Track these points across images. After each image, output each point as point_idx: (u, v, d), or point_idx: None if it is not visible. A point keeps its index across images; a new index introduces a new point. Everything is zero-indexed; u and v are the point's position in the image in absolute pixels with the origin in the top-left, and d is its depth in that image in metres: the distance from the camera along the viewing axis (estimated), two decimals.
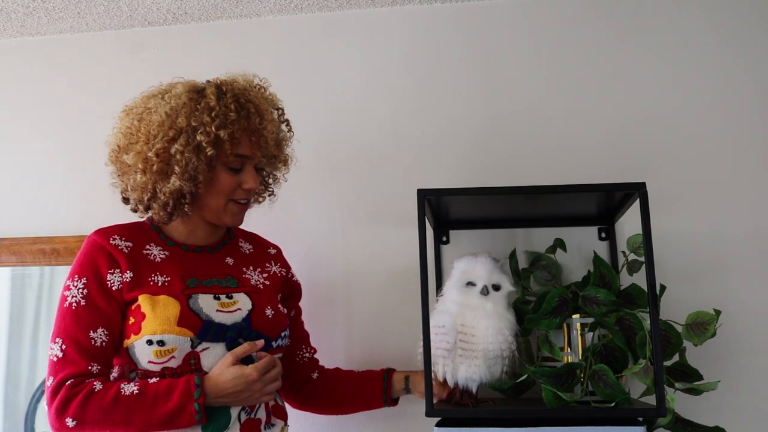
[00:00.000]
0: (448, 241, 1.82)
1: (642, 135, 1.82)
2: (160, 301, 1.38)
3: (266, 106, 1.47)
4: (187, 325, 1.36)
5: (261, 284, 1.53)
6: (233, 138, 1.41)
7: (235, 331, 1.40)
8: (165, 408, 1.30)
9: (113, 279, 1.40)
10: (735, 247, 1.75)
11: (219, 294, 1.44)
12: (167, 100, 1.41)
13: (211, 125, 1.38)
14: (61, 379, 1.33)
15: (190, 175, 1.39)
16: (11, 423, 1.93)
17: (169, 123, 1.39)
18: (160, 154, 1.38)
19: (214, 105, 1.40)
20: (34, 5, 1.93)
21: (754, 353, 1.71)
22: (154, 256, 1.45)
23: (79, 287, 1.38)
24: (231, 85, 1.46)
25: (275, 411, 1.47)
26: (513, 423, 1.37)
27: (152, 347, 1.35)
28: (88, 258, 1.41)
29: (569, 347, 1.55)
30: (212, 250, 1.52)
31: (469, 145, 1.87)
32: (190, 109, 1.40)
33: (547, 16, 1.91)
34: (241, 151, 1.44)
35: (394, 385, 1.62)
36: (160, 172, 1.39)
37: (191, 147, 1.38)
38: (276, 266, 1.60)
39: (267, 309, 1.47)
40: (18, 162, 2.03)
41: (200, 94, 1.43)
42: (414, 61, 1.94)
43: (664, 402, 1.33)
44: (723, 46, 1.84)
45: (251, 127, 1.44)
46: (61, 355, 1.35)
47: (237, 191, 1.47)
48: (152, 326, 1.35)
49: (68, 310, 1.37)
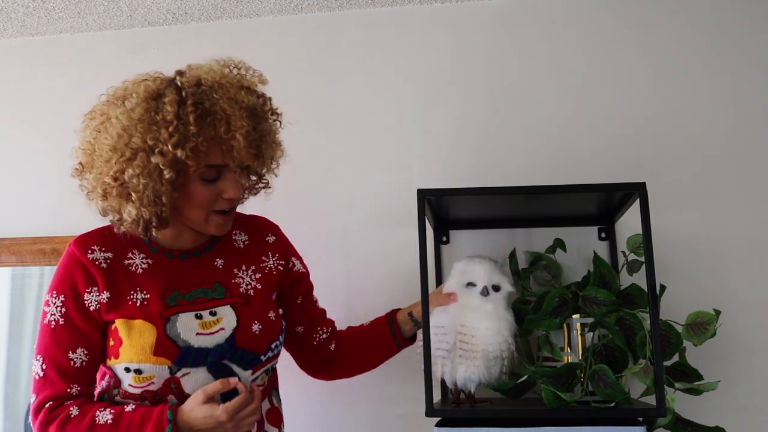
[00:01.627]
0: (448, 241, 1.82)
1: (642, 135, 1.82)
2: (136, 327, 1.32)
3: (234, 108, 1.29)
4: (164, 354, 1.31)
5: (252, 289, 1.43)
6: (197, 152, 1.26)
7: (216, 354, 1.34)
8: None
9: (90, 299, 1.35)
10: (735, 247, 1.75)
11: (201, 311, 1.36)
12: (119, 116, 1.27)
13: (168, 143, 1.24)
14: (41, 401, 1.33)
15: (150, 200, 1.26)
16: (11, 423, 1.93)
17: (123, 143, 1.26)
18: (118, 177, 1.27)
19: (171, 119, 1.25)
20: (34, 5, 1.93)
21: (754, 353, 1.71)
22: (136, 266, 1.38)
23: (57, 305, 1.35)
24: (196, 85, 1.30)
25: (270, 416, 1.45)
26: (513, 423, 1.36)
27: (130, 374, 1.32)
28: (66, 273, 1.37)
29: (569, 347, 1.55)
30: (200, 253, 1.43)
31: (470, 145, 1.87)
32: (147, 123, 1.25)
33: (547, 16, 1.91)
34: (212, 161, 1.30)
35: (401, 326, 1.58)
36: (120, 197, 1.28)
37: (147, 171, 1.25)
38: (273, 259, 1.49)
39: (254, 324, 1.38)
40: (18, 162, 2.03)
41: (158, 101, 1.27)
42: (414, 61, 1.94)
43: (664, 402, 1.33)
44: (723, 46, 1.84)
45: (217, 134, 1.28)
46: (41, 374, 1.34)
47: (218, 201, 1.35)
48: (128, 354, 1.31)
49: (47, 328, 1.35)
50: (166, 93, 1.29)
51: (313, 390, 1.73)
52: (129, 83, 1.34)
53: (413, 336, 1.60)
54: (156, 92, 1.29)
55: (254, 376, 1.39)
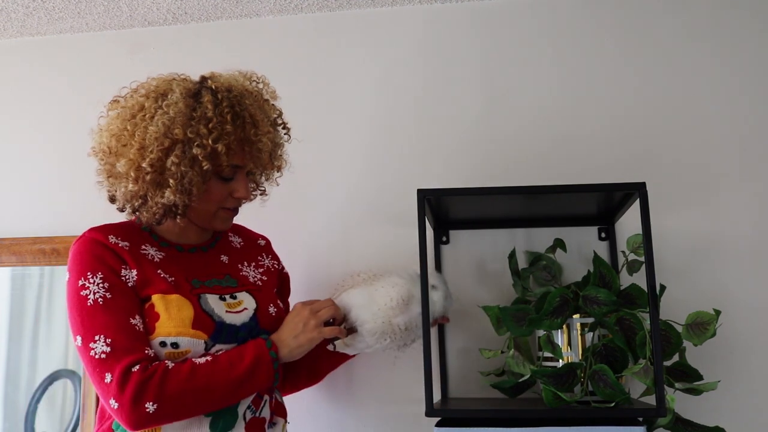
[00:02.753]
0: (448, 241, 1.83)
1: (642, 135, 1.82)
2: (173, 302, 1.35)
3: (262, 116, 1.42)
4: (202, 328, 1.35)
5: (259, 281, 1.52)
6: (229, 149, 1.37)
7: (245, 331, 1.40)
8: (242, 365, 1.32)
9: (126, 274, 1.36)
10: (735, 247, 1.75)
11: (223, 294, 1.43)
12: (164, 107, 1.35)
13: (208, 138, 1.34)
14: (125, 367, 1.27)
15: (185, 189, 1.34)
16: (11, 423, 1.93)
17: (164, 133, 1.33)
18: (155, 164, 1.33)
19: (211, 116, 1.35)
20: (34, 5, 1.93)
21: (754, 353, 1.71)
22: (152, 256, 1.41)
23: (98, 282, 1.33)
24: (228, 90, 1.39)
25: (276, 409, 1.48)
26: (513, 423, 1.37)
27: (165, 349, 1.32)
28: (93, 255, 1.36)
29: (569, 347, 1.55)
30: (206, 248, 1.51)
31: (470, 145, 1.87)
32: (187, 117, 1.34)
33: (548, 16, 1.91)
34: (236, 161, 1.40)
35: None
36: (153, 183, 1.34)
37: (187, 160, 1.33)
38: (268, 259, 1.60)
39: (270, 307, 1.47)
40: (18, 162, 2.03)
41: (196, 100, 1.37)
42: (414, 61, 1.94)
43: (664, 402, 1.33)
44: (724, 46, 1.84)
45: (246, 137, 1.39)
46: (109, 350, 1.28)
47: (228, 199, 1.44)
48: (167, 328, 1.33)
49: (96, 307, 1.31)
50: (202, 93, 1.38)
51: (313, 390, 1.73)
52: (159, 81, 1.41)
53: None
54: (193, 91, 1.39)
55: None
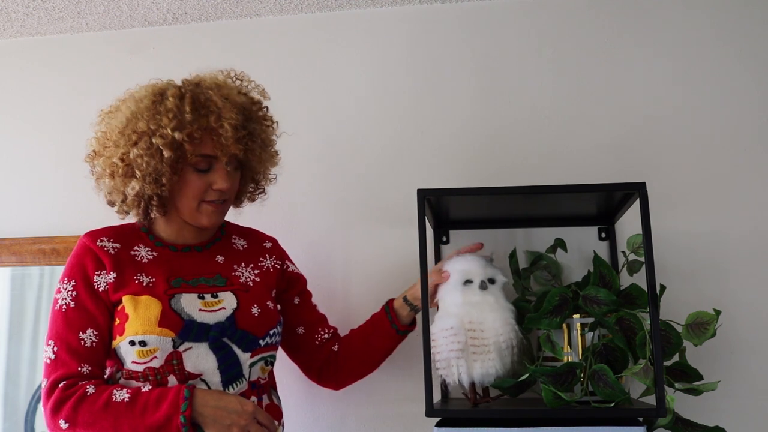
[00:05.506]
0: (448, 241, 1.82)
1: (642, 135, 1.82)
2: (142, 302, 1.40)
3: (227, 104, 1.43)
4: (168, 325, 1.38)
5: (251, 281, 1.52)
6: (192, 138, 1.40)
7: (218, 330, 1.41)
8: (153, 418, 1.31)
9: (99, 280, 1.43)
10: (735, 247, 1.75)
11: (204, 293, 1.45)
12: (130, 104, 1.44)
13: (168, 127, 1.39)
14: (54, 381, 1.36)
15: (153, 178, 1.40)
16: (11, 423, 1.93)
17: (130, 128, 1.41)
18: (124, 158, 1.41)
19: (172, 107, 1.41)
20: (34, 5, 1.93)
21: (754, 353, 1.71)
22: (142, 257, 1.47)
23: (68, 290, 1.42)
24: (196, 85, 1.46)
25: (270, 410, 1.47)
26: (513, 423, 1.37)
27: (135, 348, 1.37)
28: (77, 260, 1.45)
29: (569, 347, 1.55)
30: (201, 249, 1.53)
31: (470, 145, 1.87)
32: (151, 112, 1.41)
33: (547, 16, 1.91)
34: (204, 151, 1.43)
35: (398, 311, 1.61)
36: (125, 176, 1.42)
37: (151, 151, 1.39)
38: (271, 260, 1.59)
39: (253, 308, 1.46)
40: (18, 162, 2.03)
41: (162, 95, 1.44)
42: (414, 61, 1.94)
43: (664, 402, 1.33)
44: (723, 46, 1.84)
45: (209, 126, 1.42)
46: (53, 357, 1.38)
47: (208, 192, 1.46)
48: (134, 327, 1.38)
49: (59, 313, 1.41)
50: (169, 89, 1.45)
51: (313, 390, 1.73)
52: (140, 87, 1.48)
53: (413, 321, 1.63)
54: (160, 90, 1.46)
55: (253, 360, 1.44)
